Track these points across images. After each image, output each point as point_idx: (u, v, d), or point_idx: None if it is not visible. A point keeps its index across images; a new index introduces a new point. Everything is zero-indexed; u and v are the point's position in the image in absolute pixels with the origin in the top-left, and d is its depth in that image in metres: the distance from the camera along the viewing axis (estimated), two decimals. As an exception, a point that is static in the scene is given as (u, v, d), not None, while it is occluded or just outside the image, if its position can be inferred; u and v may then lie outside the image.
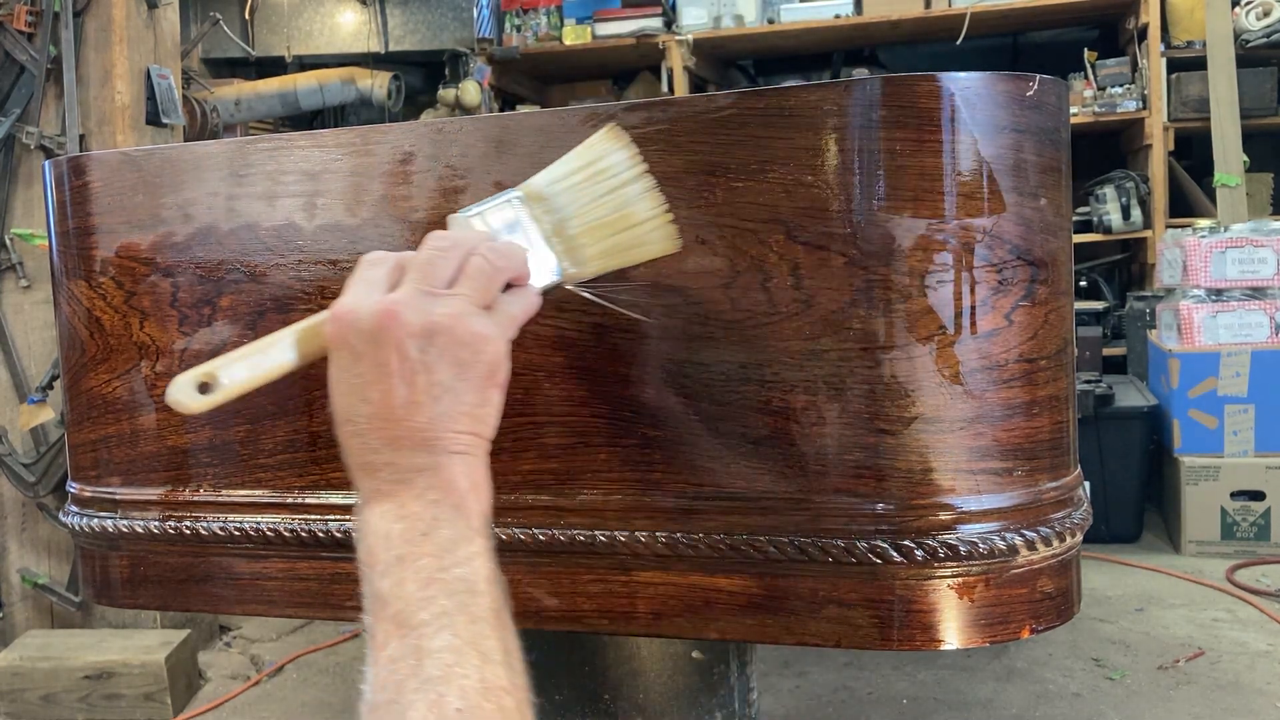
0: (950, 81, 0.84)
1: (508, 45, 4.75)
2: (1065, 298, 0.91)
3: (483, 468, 0.70)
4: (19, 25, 2.65)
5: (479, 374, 0.69)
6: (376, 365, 0.68)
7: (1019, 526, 0.87)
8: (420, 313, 0.68)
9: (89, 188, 1.10)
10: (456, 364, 0.68)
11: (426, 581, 0.63)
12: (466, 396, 0.69)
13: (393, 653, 0.61)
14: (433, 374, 0.68)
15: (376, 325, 0.68)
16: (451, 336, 0.68)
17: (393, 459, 0.68)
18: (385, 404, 0.68)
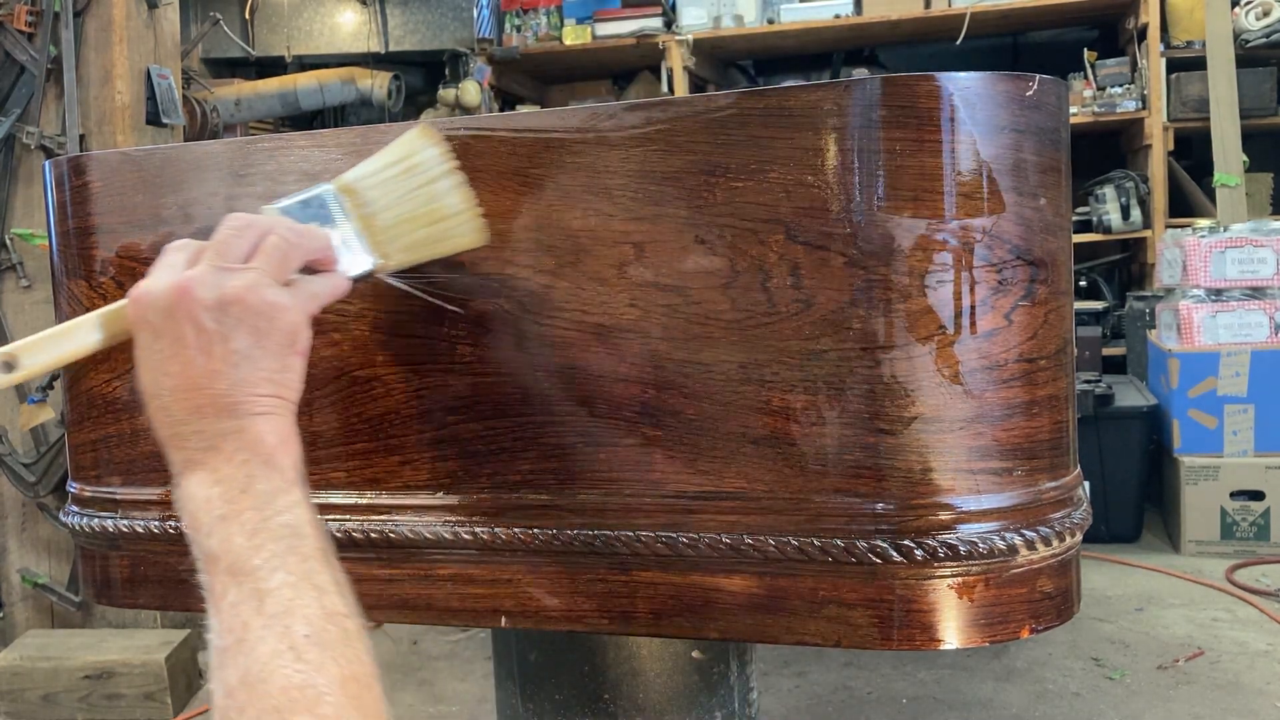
0: (950, 81, 0.84)
1: (508, 45, 4.76)
2: (1065, 297, 0.91)
3: (289, 425, 0.73)
4: (19, 25, 2.65)
5: (276, 341, 0.72)
6: (174, 339, 0.70)
7: (1019, 526, 0.87)
8: (213, 287, 0.71)
9: (89, 188, 1.10)
10: (253, 332, 0.71)
11: (253, 532, 0.66)
12: (265, 362, 0.72)
13: (233, 599, 0.64)
14: (229, 343, 0.70)
15: (171, 301, 0.71)
16: (245, 306, 0.71)
17: (200, 427, 0.70)
18: (186, 375, 0.70)
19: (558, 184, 0.92)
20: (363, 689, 0.62)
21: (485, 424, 0.96)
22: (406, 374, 0.98)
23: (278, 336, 0.72)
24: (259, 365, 0.71)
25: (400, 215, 0.85)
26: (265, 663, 0.61)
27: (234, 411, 0.70)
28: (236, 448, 0.69)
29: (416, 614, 1.01)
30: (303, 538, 0.67)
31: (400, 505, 0.99)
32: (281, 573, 0.65)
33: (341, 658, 0.63)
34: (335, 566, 0.69)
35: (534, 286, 0.93)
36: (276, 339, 0.72)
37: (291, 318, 0.73)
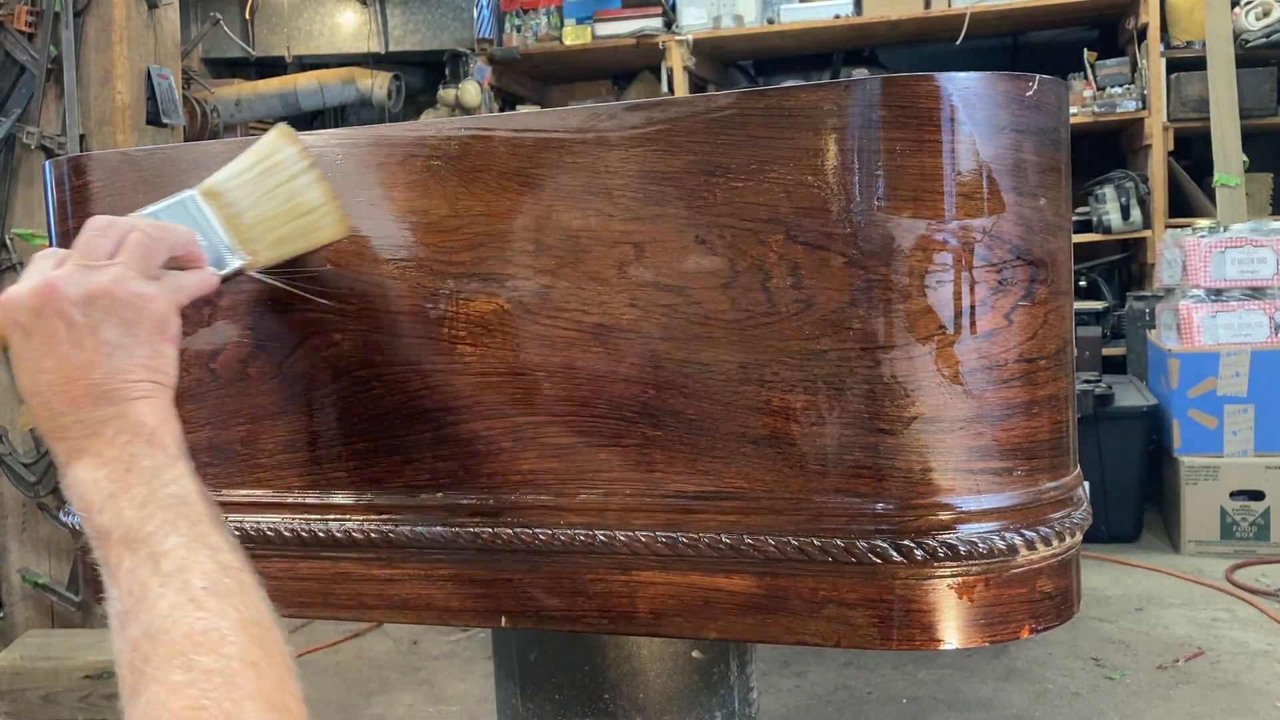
0: (950, 81, 0.84)
1: (508, 45, 4.76)
2: (1065, 297, 0.91)
3: (168, 405, 0.75)
4: (19, 25, 2.65)
5: (146, 329, 0.75)
6: (46, 337, 0.73)
7: (1019, 526, 0.87)
8: (79, 283, 0.73)
9: (89, 188, 1.10)
10: (122, 323, 0.74)
11: (142, 504, 0.69)
12: (138, 350, 0.74)
13: (129, 565, 0.67)
14: (99, 334, 0.73)
15: (39, 300, 0.73)
16: (112, 298, 0.74)
17: (79, 416, 0.72)
18: (62, 369, 0.73)
19: (558, 184, 0.92)
20: (264, 631, 0.65)
21: (485, 424, 0.96)
22: (406, 374, 0.98)
23: (147, 324, 0.75)
24: (132, 353, 0.74)
25: (263, 214, 0.90)
26: (166, 614, 0.63)
27: (111, 398, 0.72)
28: (117, 431, 0.72)
29: (416, 614, 1.01)
30: (191, 504, 0.70)
31: (400, 505, 0.99)
32: (174, 536, 0.67)
33: (240, 604, 0.66)
34: (226, 529, 0.72)
35: (534, 286, 0.93)
36: (146, 327, 0.75)
37: (158, 306, 0.76)
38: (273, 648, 0.65)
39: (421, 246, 0.97)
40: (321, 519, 1.02)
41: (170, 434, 0.74)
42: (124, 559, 0.68)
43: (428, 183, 0.97)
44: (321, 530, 1.02)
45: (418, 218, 0.97)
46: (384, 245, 0.98)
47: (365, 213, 0.99)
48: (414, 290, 0.97)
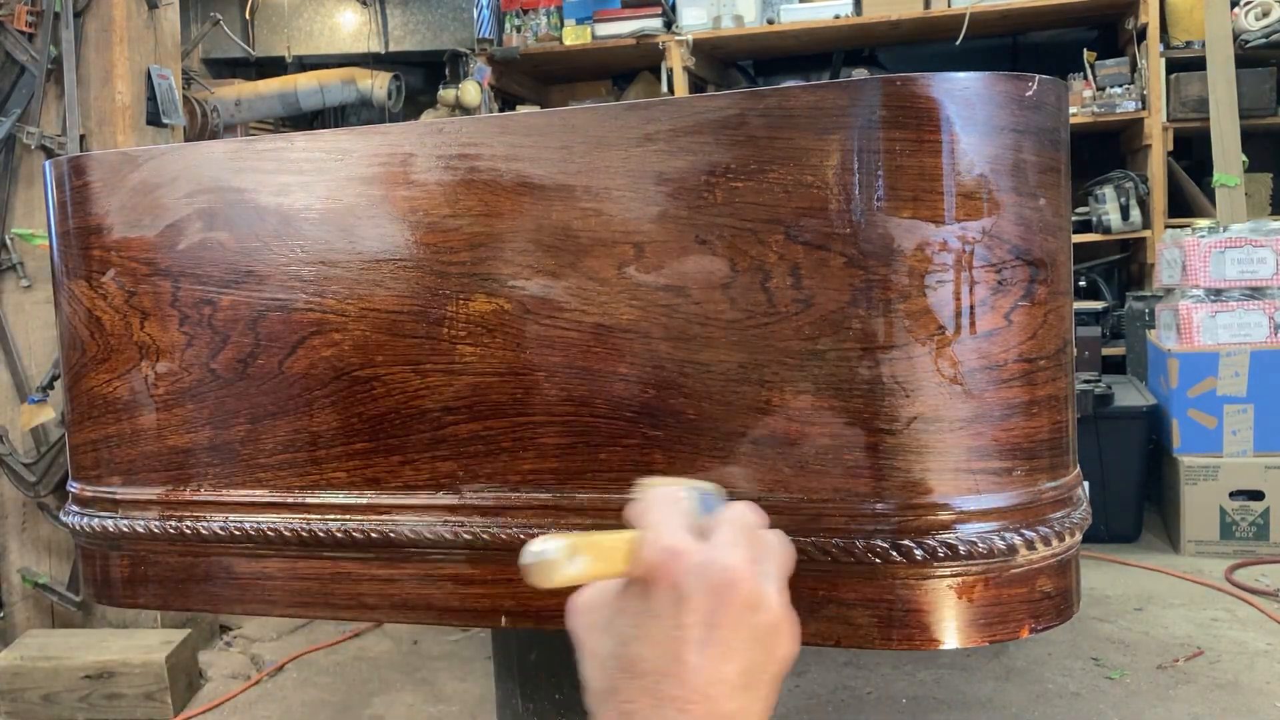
0: (949, 82, 0.84)
1: (508, 45, 4.75)
2: (1064, 298, 0.91)
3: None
4: (19, 25, 2.65)
5: (772, 678, 0.61)
6: (708, 624, 0.58)
7: (1018, 526, 0.87)
8: (760, 589, 0.60)
9: (89, 188, 1.10)
10: (763, 660, 0.60)
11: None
12: (758, 704, 0.60)
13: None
14: (749, 658, 0.59)
15: (722, 583, 0.58)
16: (774, 631, 0.60)
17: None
18: (697, 679, 0.57)
19: (558, 184, 0.92)
20: None
21: (485, 424, 0.96)
22: (406, 374, 0.98)
23: (774, 672, 0.61)
24: (759, 699, 0.59)
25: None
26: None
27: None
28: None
29: (416, 614, 1.01)
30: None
31: (400, 505, 1.00)
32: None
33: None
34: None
35: (534, 286, 0.93)
36: (773, 674, 0.60)
37: (788, 654, 0.61)
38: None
39: (421, 246, 0.97)
40: (321, 519, 1.02)
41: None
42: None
43: (427, 181, 0.97)
44: (321, 530, 1.02)
45: (417, 217, 0.97)
46: (383, 243, 0.98)
47: (365, 212, 0.99)
48: (414, 290, 0.97)
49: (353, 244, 0.99)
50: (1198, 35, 4.31)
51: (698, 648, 0.57)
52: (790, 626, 0.61)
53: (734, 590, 0.58)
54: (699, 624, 0.58)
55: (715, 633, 0.58)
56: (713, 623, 0.58)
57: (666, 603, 0.58)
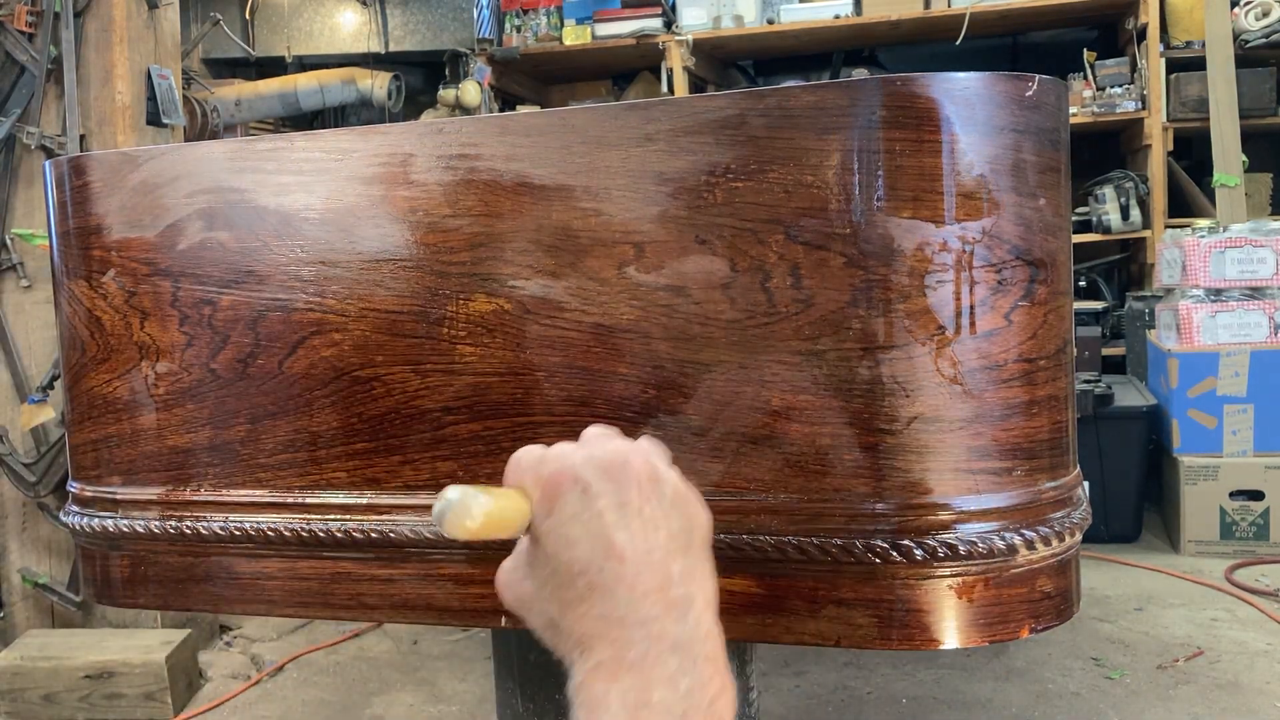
0: (949, 82, 0.84)
1: (508, 45, 4.76)
2: (1064, 298, 0.91)
3: (726, 664, 0.59)
4: (19, 25, 2.65)
5: (701, 541, 0.62)
6: (619, 503, 0.60)
7: (1018, 526, 0.87)
8: (652, 466, 0.62)
9: (89, 188, 1.10)
10: (685, 528, 0.61)
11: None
12: (700, 564, 0.61)
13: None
14: (671, 524, 0.61)
15: (614, 464, 0.61)
16: (681, 496, 0.62)
17: (646, 617, 0.57)
18: (636, 551, 0.58)
19: (558, 184, 0.92)
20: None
21: (485, 424, 0.96)
22: (406, 374, 0.98)
23: (701, 536, 0.62)
24: (695, 568, 0.60)
25: None
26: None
27: (684, 612, 0.58)
28: (682, 669, 0.56)
29: (416, 614, 1.01)
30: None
31: (400, 505, 1.00)
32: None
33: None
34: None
35: (534, 286, 0.93)
36: (700, 538, 0.62)
37: (707, 522, 0.63)
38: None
39: (421, 246, 0.97)
40: (321, 519, 1.02)
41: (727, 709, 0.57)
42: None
43: (427, 180, 0.97)
44: (321, 530, 1.02)
45: (417, 216, 0.97)
46: (382, 243, 0.98)
47: (365, 212, 0.99)
48: (414, 290, 0.97)
49: (353, 244, 0.99)
50: (1198, 35, 4.32)
51: (619, 527, 0.59)
52: (697, 496, 0.63)
53: (628, 468, 0.61)
54: (611, 506, 0.59)
55: (629, 509, 0.60)
56: (623, 501, 0.60)
57: (573, 500, 0.60)
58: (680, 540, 0.61)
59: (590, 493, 0.60)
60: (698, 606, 0.59)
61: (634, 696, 0.55)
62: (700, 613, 0.59)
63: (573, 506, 0.60)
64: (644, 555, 0.58)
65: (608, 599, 0.58)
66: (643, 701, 0.54)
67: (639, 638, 0.56)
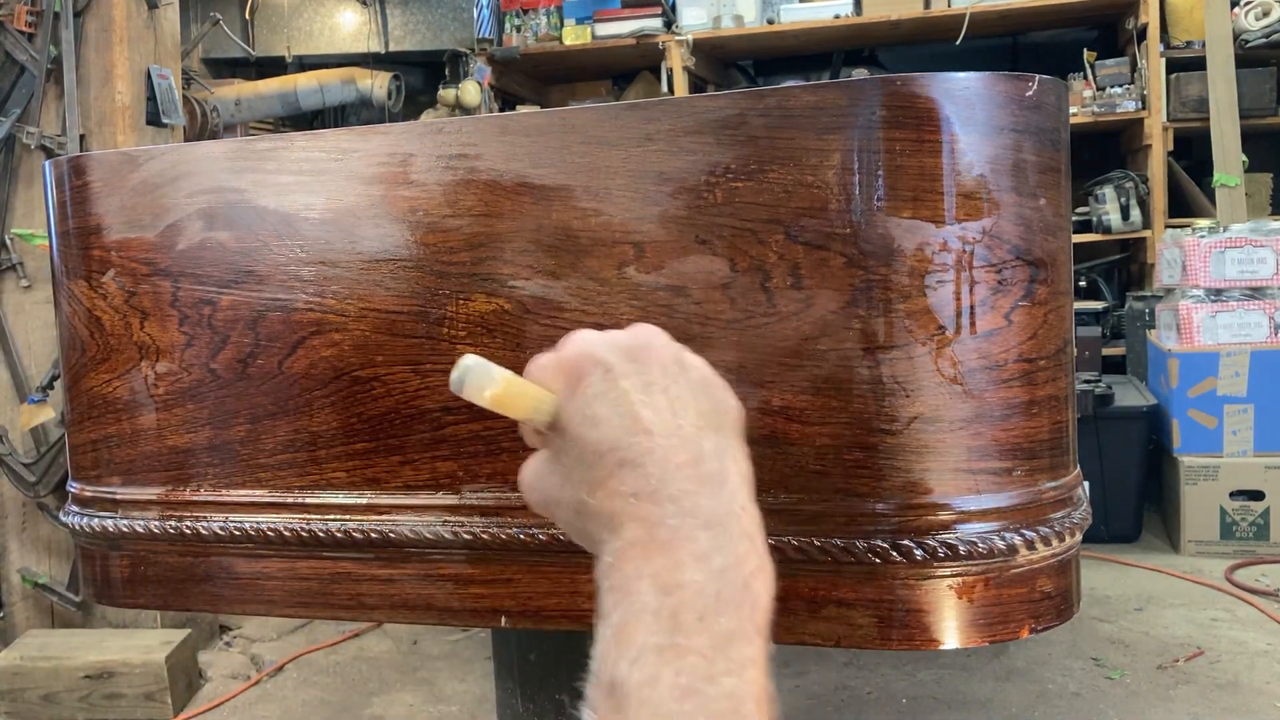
0: (949, 82, 0.84)
1: (508, 45, 4.76)
2: (1065, 298, 0.91)
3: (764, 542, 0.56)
4: (19, 25, 2.65)
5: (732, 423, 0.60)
6: (645, 382, 0.58)
7: (1018, 526, 0.87)
8: (671, 344, 0.60)
9: (89, 188, 1.10)
10: (713, 409, 0.59)
11: (685, 692, 0.49)
12: (731, 443, 0.59)
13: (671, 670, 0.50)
14: (697, 404, 0.58)
15: (636, 344, 0.59)
16: (704, 376, 0.60)
17: (678, 492, 0.54)
18: (665, 426, 0.56)
19: (558, 184, 0.92)
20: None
21: (485, 424, 0.96)
22: (406, 374, 0.98)
23: (732, 418, 0.60)
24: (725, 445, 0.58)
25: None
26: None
27: (720, 486, 0.56)
28: (716, 545, 0.53)
29: (416, 614, 1.01)
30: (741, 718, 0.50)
31: (400, 505, 1.00)
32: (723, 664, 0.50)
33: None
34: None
35: (534, 286, 0.93)
36: (732, 421, 0.60)
37: (737, 404, 0.61)
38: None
39: (421, 246, 0.97)
40: (321, 519, 1.02)
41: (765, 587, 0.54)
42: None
43: (427, 180, 0.97)
44: (321, 530, 1.02)
45: (416, 216, 0.97)
46: (382, 243, 0.98)
47: (364, 211, 0.99)
48: (414, 290, 0.97)
49: (353, 244, 0.99)
50: (1198, 35, 4.32)
51: (645, 405, 0.57)
52: (725, 385, 0.61)
53: (650, 349, 0.59)
54: (636, 385, 0.58)
55: (654, 388, 0.58)
56: (648, 380, 0.58)
57: (596, 380, 0.58)
58: (711, 420, 0.58)
59: (613, 373, 0.58)
60: (732, 482, 0.56)
61: (666, 577, 0.52)
62: (735, 488, 0.56)
63: (596, 386, 0.58)
64: (673, 430, 0.56)
65: (638, 473, 0.55)
66: (675, 582, 0.52)
67: (670, 513, 0.54)
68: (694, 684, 0.49)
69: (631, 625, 0.52)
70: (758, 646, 0.52)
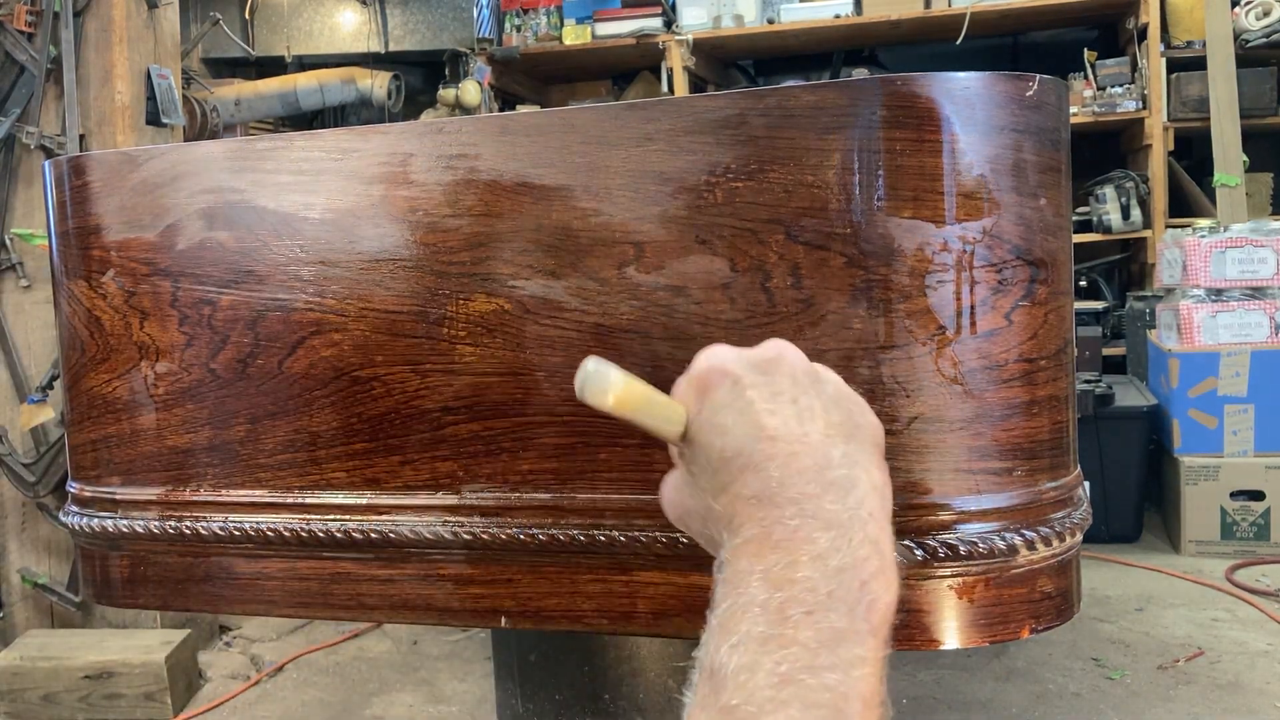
0: (949, 82, 0.84)
1: (508, 45, 4.76)
2: (1065, 297, 0.91)
3: (892, 550, 0.56)
4: (19, 25, 2.65)
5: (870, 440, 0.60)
6: (772, 392, 0.59)
7: (1019, 526, 0.87)
8: (802, 358, 0.62)
9: (89, 188, 1.10)
10: (847, 423, 0.60)
11: (783, 679, 0.49)
12: (864, 455, 0.59)
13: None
14: (830, 416, 0.59)
15: (767, 357, 0.61)
16: (838, 389, 0.61)
17: (799, 495, 0.55)
18: (790, 433, 0.57)
19: (558, 184, 0.92)
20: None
21: (485, 424, 0.96)
22: (406, 374, 0.98)
23: (869, 434, 0.60)
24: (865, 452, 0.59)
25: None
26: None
27: (845, 492, 0.55)
28: (834, 546, 0.53)
29: (416, 614, 1.01)
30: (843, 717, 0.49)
31: (400, 505, 0.99)
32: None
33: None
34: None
35: (534, 286, 0.93)
36: (869, 437, 0.60)
37: (876, 422, 0.61)
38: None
39: (421, 246, 0.97)
40: (321, 519, 1.02)
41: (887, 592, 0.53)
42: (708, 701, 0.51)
43: (426, 180, 0.97)
44: (321, 530, 1.02)
45: (416, 216, 0.97)
46: (382, 243, 0.98)
47: (364, 211, 0.99)
48: (414, 290, 0.97)
49: (353, 244, 0.99)
50: (1198, 35, 4.31)
51: (770, 413, 0.58)
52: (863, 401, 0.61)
53: (781, 361, 0.60)
54: (762, 395, 0.59)
55: (781, 398, 0.59)
56: (775, 390, 0.59)
57: (724, 391, 0.59)
58: (842, 430, 0.59)
59: (741, 383, 0.59)
60: (861, 489, 0.56)
61: (777, 573, 0.52)
62: (864, 495, 0.56)
63: (724, 397, 0.59)
64: (798, 437, 0.57)
65: (760, 477, 0.56)
66: (786, 578, 0.52)
67: (790, 515, 0.54)
68: (793, 673, 0.49)
69: (737, 615, 0.52)
70: (870, 648, 0.51)
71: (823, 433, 0.58)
